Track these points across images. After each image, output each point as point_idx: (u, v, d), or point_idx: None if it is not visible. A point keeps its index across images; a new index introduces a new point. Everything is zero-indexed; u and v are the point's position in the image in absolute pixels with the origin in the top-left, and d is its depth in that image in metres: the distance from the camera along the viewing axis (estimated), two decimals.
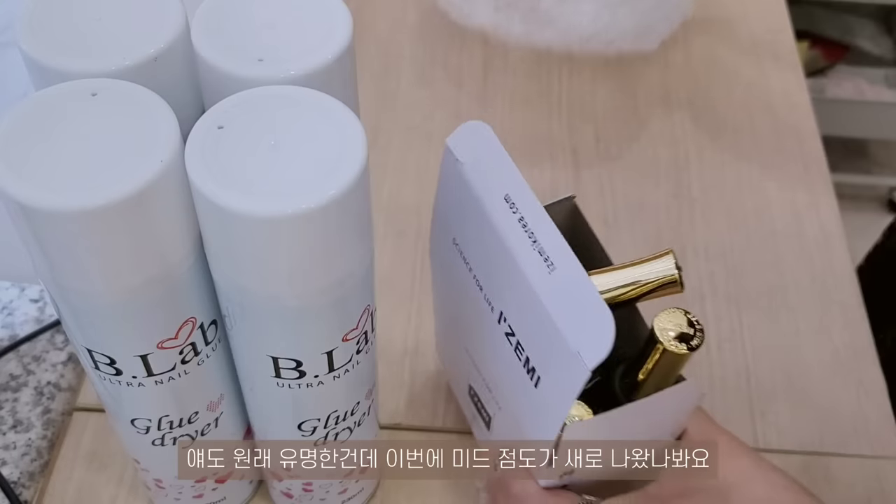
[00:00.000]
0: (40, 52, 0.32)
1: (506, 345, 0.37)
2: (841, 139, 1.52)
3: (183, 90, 0.34)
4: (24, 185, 0.28)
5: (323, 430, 0.39)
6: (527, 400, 0.37)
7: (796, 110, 0.69)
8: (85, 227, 0.28)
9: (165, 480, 0.42)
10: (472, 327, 0.41)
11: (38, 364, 0.51)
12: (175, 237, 0.31)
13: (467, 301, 0.40)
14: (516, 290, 0.34)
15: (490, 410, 0.44)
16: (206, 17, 0.34)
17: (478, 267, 0.38)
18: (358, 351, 0.36)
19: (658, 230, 0.61)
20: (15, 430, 0.48)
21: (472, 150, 0.33)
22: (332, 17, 0.34)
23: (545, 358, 0.35)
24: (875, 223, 1.59)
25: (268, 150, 0.30)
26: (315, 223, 0.29)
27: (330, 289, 0.32)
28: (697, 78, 0.71)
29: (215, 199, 0.28)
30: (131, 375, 0.35)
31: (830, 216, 0.61)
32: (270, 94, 0.31)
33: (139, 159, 0.29)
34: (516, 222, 0.34)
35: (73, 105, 0.30)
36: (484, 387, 0.43)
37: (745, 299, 0.57)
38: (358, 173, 0.29)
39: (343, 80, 0.34)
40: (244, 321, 0.34)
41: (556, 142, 0.66)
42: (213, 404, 0.39)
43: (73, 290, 0.31)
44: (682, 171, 0.64)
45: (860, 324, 0.56)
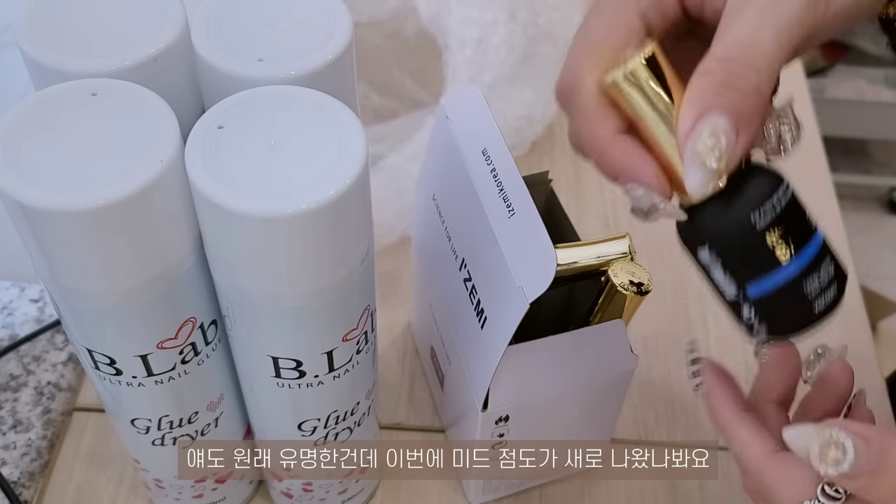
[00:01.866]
0: (40, 53, 0.32)
1: (462, 291, 0.39)
2: (841, 139, 1.52)
3: (183, 90, 0.34)
4: (24, 185, 0.28)
5: (323, 430, 0.39)
6: (473, 343, 0.39)
7: (797, 110, 0.69)
8: (85, 227, 0.28)
9: (165, 480, 0.42)
10: (436, 281, 0.43)
11: (38, 364, 0.51)
12: (175, 237, 0.31)
13: (436, 255, 0.42)
14: (479, 233, 0.37)
15: (443, 367, 0.45)
16: (207, 17, 0.34)
17: (449, 217, 0.41)
18: (358, 351, 0.36)
19: (658, 230, 0.61)
20: (15, 430, 0.48)
21: (461, 109, 0.34)
22: (332, 17, 0.34)
23: (493, 296, 0.37)
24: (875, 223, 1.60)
25: (268, 150, 0.30)
26: (315, 223, 0.29)
27: (330, 289, 0.32)
28: None
29: (215, 198, 0.28)
30: (131, 375, 0.35)
31: (830, 216, 0.61)
32: (270, 93, 0.31)
33: (139, 159, 0.29)
34: (489, 173, 0.37)
35: (73, 105, 0.30)
36: (440, 343, 0.45)
37: None
38: (358, 173, 0.29)
39: (343, 79, 0.34)
40: (244, 321, 0.34)
41: (556, 142, 0.65)
42: (213, 404, 0.39)
43: (73, 289, 0.31)
44: None
45: (860, 324, 0.56)
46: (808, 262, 0.30)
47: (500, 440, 0.42)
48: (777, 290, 0.30)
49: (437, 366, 0.47)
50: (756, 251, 0.30)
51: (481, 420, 0.40)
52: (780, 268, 0.30)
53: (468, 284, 0.39)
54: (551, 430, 0.43)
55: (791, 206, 0.30)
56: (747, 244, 0.30)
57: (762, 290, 0.30)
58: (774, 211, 0.29)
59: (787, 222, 0.30)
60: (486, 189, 0.37)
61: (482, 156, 0.37)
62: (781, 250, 0.30)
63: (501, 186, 0.36)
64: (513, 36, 0.58)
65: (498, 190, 0.36)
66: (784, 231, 0.30)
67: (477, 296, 0.38)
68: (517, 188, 0.35)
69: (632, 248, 0.40)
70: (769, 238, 0.30)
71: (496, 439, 0.42)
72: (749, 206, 0.29)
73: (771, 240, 0.30)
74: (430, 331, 0.47)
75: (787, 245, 0.30)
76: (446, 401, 0.47)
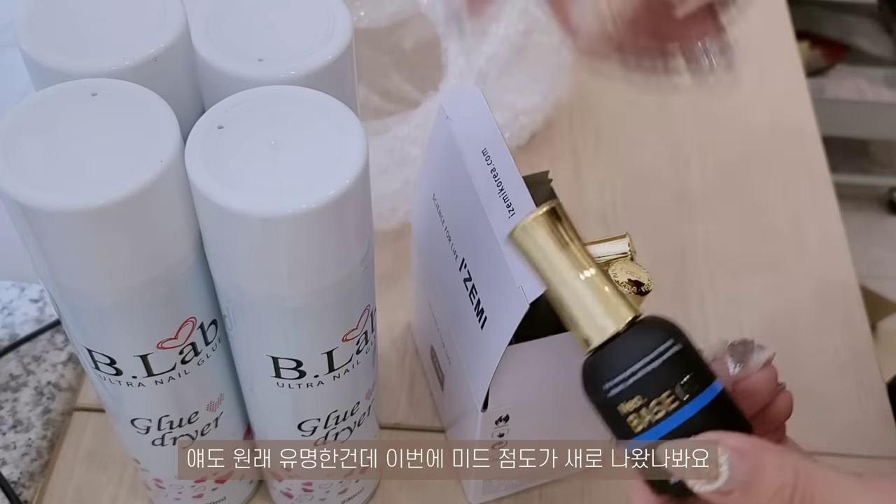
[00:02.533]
0: (40, 52, 0.32)
1: (462, 291, 0.39)
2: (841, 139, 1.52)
3: (183, 90, 0.34)
4: (23, 185, 0.28)
5: (323, 430, 0.39)
6: (473, 344, 0.39)
7: (796, 110, 0.69)
8: (85, 227, 0.28)
9: (165, 480, 0.42)
10: (436, 280, 0.43)
11: (38, 364, 0.51)
12: (175, 237, 0.31)
13: (436, 255, 0.42)
14: (479, 233, 0.37)
15: (443, 367, 0.45)
16: (207, 17, 0.34)
17: (450, 217, 0.41)
18: (358, 351, 0.36)
19: (658, 230, 0.61)
20: (15, 430, 0.48)
21: (461, 109, 0.34)
22: (332, 17, 0.34)
23: (493, 297, 0.37)
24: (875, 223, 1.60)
25: (268, 150, 0.30)
26: (315, 223, 0.29)
27: (330, 289, 0.32)
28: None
29: (215, 198, 0.28)
30: (131, 375, 0.35)
31: (831, 216, 0.61)
32: (270, 93, 0.31)
33: (139, 159, 0.29)
34: (489, 173, 0.37)
35: (72, 105, 0.30)
36: (440, 343, 0.45)
37: (745, 299, 0.57)
38: (358, 173, 0.29)
39: (343, 79, 0.34)
40: (244, 321, 0.34)
41: (556, 142, 0.65)
42: (213, 404, 0.39)
43: (73, 289, 0.31)
44: (682, 172, 0.64)
45: (860, 324, 0.56)
46: (661, 436, 0.29)
47: (500, 440, 0.42)
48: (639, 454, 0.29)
49: (437, 366, 0.47)
50: (613, 417, 0.30)
51: (481, 420, 0.40)
52: (633, 437, 0.29)
53: (468, 284, 0.39)
54: (551, 430, 0.43)
55: (659, 373, 0.29)
56: (604, 410, 0.30)
57: (626, 451, 0.30)
58: (634, 378, 0.29)
59: (649, 392, 0.29)
60: (486, 189, 0.37)
61: (482, 155, 0.37)
62: (635, 423, 0.29)
63: (501, 186, 0.36)
64: (511, 25, 0.58)
65: (498, 190, 0.36)
66: (643, 402, 0.29)
67: (477, 296, 0.38)
68: (517, 188, 0.35)
69: (632, 248, 0.40)
70: (623, 408, 0.29)
71: (496, 439, 0.42)
72: (606, 374, 0.29)
73: (625, 409, 0.29)
74: (429, 331, 0.47)
75: (641, 419, 0.29)
76: (446, 401, 0.47)
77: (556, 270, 0.31)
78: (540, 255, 0.31)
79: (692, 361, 0.30)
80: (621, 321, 0.30)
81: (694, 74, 0.31)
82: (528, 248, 0.31)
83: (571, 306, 0.31)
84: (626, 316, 0.30)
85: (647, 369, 0.29)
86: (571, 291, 0.31)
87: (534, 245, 0.31)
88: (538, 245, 0.31)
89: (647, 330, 0.30)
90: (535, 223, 0.31)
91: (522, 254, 0.32)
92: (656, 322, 0.30)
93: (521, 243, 0.32)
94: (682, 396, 0.29)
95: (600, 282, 0.31)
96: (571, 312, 0.31)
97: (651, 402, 0.29)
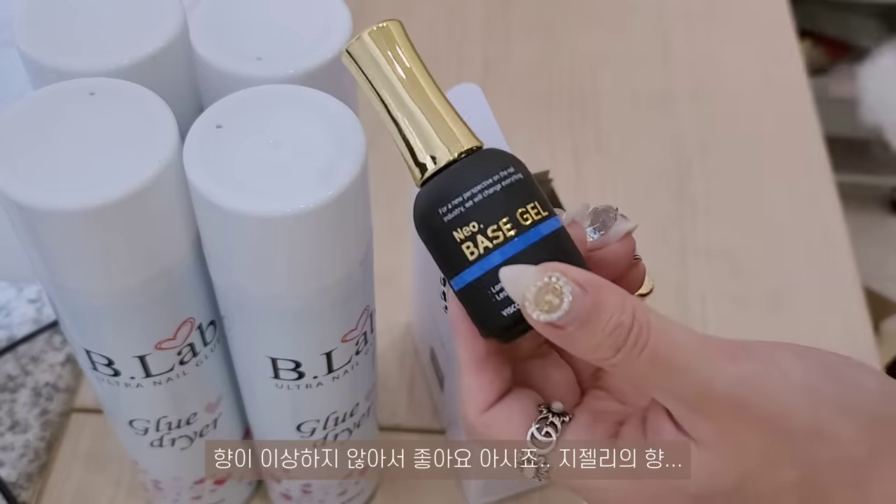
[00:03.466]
0: (38, 51, 0.31)
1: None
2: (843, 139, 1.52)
3: (181, 89, 0.34)
4: (21, 185, 0.28)
5: (322, 432, 0.39)
6: None
7: (798, 109, 0.69)
8: (82, 227, 0.28)
9: (164, 482, 0.42)
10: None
11: (35, 365, 0.51)
12: (173, 237, 0.31)
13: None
14: None
15: (443, 368, 0.45)
16: (205, 16, 0.34)
17: None
18: (357, 352, 0.36)
19: (659, 230, 0.61)
20: (13, 431, 0.48)
21: (461, 108, 0.34)
22: (331, 16, 0.34)
23: None
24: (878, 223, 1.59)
25: (266, 150, 0.30)
26: (313, 223, 0.29)
27: (329, 289, 0.32)
28: (699, 77, 0.71)
29: (213, 198, 0.28)
30: (129, 376, 0.35)
31: (833, 216, 0.61)
32: (269, 93, 0.31)
33: (137, 159, 0.29)
34: None
35: (70, 104, 0.30)
36: (440, 343, 0.44)
37: (746, 299, 0.57)
38: (357, 173, 0.29)
39: (342, 78, 0.34)
40: (242, 322, 0.34)
41: (557, 141, 0.65)
42: (211, 405, 0.39)
43: (71, 289, 0.31)
44: (683, 171, 0.64)
45: (861, 324, 0.56)
46: (497, 263, 0.27)
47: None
48: (467, 289, 0.28)
49: (437, 366, 0.47)
50: (447, 245, 0.28)
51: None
52: (467, 268, 0.27)
53: None
54: None
55: (498, 198, 0.27)
56: (438, 240, 0.28)
57: (457, 285, 0.28)
58: (472, 202, 0.27)
59: (486, 217, 0.27)
60: None
61: None
62: (470, 249, 0.27)
63: None
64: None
65: None
66: (480, 228, 0.27)
67: None
68: None
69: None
70: (458, 234, 0.27)
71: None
72: (442, 197, 0.27)
73: (460, 236, 0.27)
74: (429, 331, 0.47)
75: (477, 245, 0.27)
76: (446, 401, 0.47)
77: (395, 92, 0.28)
78: (377, 73, 0.28)
79: (533, 192, 0.28)
80: (461, 147, 0.28)
81: None
82: (365, 65, 0.28)
83: (409, 132, 0.28)
84: (468, 144, 0.28)
85: (486, 193, 0.27)
86: (409, 114, 0.28)
87: (371, 61, 0.28)
88: (375, 61, 0.28)
89: (489, 157, 0.28)
90: (372, 36, 0.28)
91: (357, 72, 0.29)
92: (499, 152, 0.28)
93: (358, 58, 0.28)
94: (522, 223, 0.27)
95: (441, 107, 0.29)
96: (408, 138, 0.28)
97: (488, 228, 0.27)
